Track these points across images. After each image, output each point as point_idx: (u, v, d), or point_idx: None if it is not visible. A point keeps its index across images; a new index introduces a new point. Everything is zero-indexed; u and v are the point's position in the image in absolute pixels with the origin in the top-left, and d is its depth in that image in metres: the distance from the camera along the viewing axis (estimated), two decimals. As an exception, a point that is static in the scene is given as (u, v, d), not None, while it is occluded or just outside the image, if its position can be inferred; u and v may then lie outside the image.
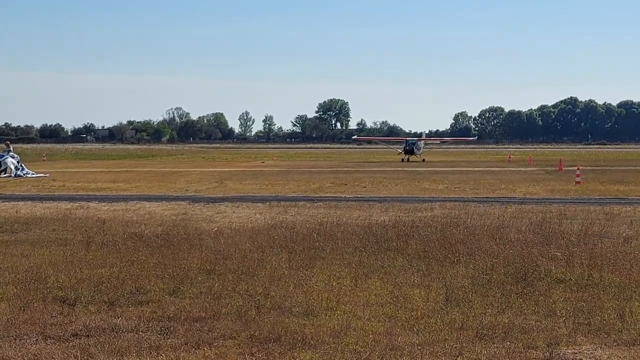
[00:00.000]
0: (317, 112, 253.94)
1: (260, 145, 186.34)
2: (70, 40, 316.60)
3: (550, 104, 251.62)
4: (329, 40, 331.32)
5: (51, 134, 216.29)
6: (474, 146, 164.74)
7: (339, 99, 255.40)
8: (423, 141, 78.74)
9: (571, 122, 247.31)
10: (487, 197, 26.80)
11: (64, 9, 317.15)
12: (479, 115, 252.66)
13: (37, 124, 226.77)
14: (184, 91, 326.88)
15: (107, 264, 12.51)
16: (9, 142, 49.82)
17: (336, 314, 9.45)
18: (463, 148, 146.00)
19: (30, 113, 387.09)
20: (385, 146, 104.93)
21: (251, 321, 9.06)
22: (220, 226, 17.69)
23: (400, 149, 72.21)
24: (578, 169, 37.66)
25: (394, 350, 8.06)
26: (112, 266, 12.33)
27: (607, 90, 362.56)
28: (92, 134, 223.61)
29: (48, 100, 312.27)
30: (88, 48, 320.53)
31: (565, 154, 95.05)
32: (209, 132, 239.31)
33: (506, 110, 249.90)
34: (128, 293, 10.50)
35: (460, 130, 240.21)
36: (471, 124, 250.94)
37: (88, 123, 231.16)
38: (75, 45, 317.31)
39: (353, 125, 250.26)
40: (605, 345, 8.37)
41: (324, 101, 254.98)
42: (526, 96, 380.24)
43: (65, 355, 7.85)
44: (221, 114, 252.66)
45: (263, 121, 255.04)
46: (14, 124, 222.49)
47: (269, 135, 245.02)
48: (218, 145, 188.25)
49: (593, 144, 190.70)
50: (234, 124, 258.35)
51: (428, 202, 24.03)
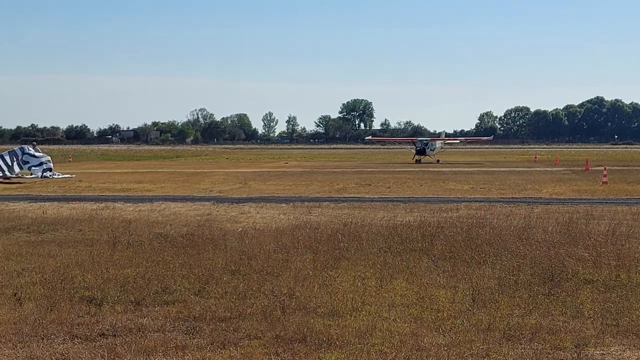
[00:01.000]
0: (341, 113, 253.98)
1: (283, 146, 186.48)
2: (95, 43, 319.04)
3: (576, 104, 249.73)
4: (353, 41, 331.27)
5: (77, 135, 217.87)
6: (499, 146, 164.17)
7: (362, 99, 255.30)
8: (441, 141, 76.31)
9: (597, 122, 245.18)
10: (513, 198, 26.63)
11: (91, 12, 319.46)
12: (505, 115, 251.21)
13: (63, 126, 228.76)
14: (208, 92, 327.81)
15: (133, 264, 12.58)
16: (35, 144, 50.31)
17: (361, 315, 9.43)
18: (488, 148, 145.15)
19: (56, 114, 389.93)
20: (400, 147, 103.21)
21: (276, 321, 9.06)
22: (245, 226, 17.72)
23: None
24: (605, 169, 37.35)
25: (420, 351, 8.03)
26: (138, 266, 12.39)
27: (634, 90, 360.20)
28: (117, 135, 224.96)
29: (74, 102, 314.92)
30: (113, 50, 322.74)
31: (591, 154, 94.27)
32: (232, 133, 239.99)
33: (532, 110, 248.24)
34: (154, 293, 10.55)
35: (486, 130, 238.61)
36: (496, 124, 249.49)
37: (113, 124, 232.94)
38: (101, 48, 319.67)
39: (377, 125, 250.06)
40: (633, 346, 8.28)
41: (348, 101, 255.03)
42: (552, 96, 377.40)
43: (93, 354, 7.90)
44: (245, 114, 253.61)
45: (286, 122, 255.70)
46: (40, 126, 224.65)
47: (292, 136, 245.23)
48: (242, 146, 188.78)
49: (620, 144, 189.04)
50: (258, 125, 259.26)
51: (453, 203, 23.94)
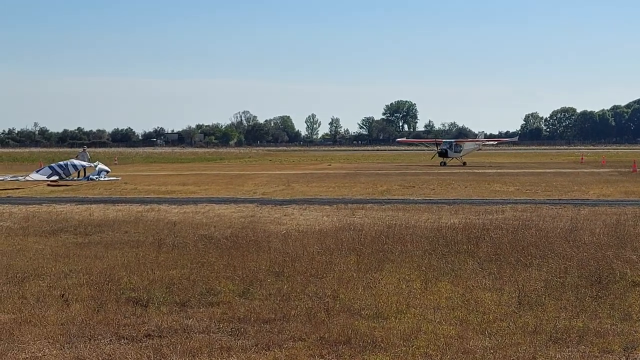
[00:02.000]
0: (384, 114, 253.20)
1: (326, 148, 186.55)
2: (140, 46, 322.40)
3: (623, 104, 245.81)
4: (396, 42, 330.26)
5: (122, 138, 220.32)
6: (545, 147, 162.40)
7: (406, 101, 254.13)
8: (472, 143, 72.55)
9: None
10: (560, 199, 26.32)
11: (139, 16, 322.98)
12: (551, 116, 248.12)
13: (109, 129, 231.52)
14: (251, 95, 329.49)
15: (178, 266, 12.66)
16: (85, 147, 51.21)
17: (406, 317, 9.38)
18: (535, 150, 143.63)
19: (102, 118, 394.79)
20: (428, 148, 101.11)
21: (321, 323, 9.05)
22: (288, 228, 17.74)
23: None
24: (653, 170, 36.73)
25: (465, 353, 7.97)
26: (183, 268, 12.47)
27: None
28: (162, 137, 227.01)
29: (119, 105, 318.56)
30: (158, 54, 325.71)
31: (639, 156, 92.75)
32: (275, 135, 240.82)
33: (578, 110, 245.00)
34: (199, 294, 10.61)
35: (531, 131, 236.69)
36: (542, 125, 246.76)
37: (158, 127, 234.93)
38: (146, 51, 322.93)
39: (421, 127, 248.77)
40: (684, 350, 8.11)
41: (391, 103, 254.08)
42: (599, 96, 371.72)
43: (139, 355, 7.96)
44: (288, 117, 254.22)
45: (329, 124, 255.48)
46: (87, 129, 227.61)
47: (336, 138, 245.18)
48: (285, 148, 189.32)
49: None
50: (301, 127, 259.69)
51: (499, 205, 23.74)
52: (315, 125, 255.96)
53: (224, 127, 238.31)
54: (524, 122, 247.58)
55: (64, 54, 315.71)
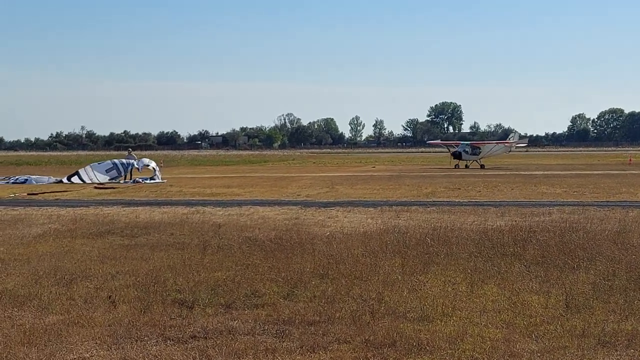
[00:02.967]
0: (429, 116, 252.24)
1: (370, 150, 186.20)
2: (185, 50, 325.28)
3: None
4: (441, 43, 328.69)
5: (168, 141, 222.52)
6: (592, 149, 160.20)
7: (451, 102, 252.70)
8: (496, 144, 70.29)
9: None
10: (608, 201, 25.93)
11: (183, 20, 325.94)
12: (598, 117, 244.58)
13: (155, 132, 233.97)
14: (295, 97, 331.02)
15: (223, 268, 12.72)
16: (130, 149, 51.87)
17: (452, 320, 9.31)
18: (581, 151, 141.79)
19: (148, 121, 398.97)
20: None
21: (365, 326, 9.02)
22: (332, 231, 17.72)
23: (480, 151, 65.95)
24: None
25: (512, 357, 7.89)
26: (228, 269, 12.53)
27: None
28: (207, 140, 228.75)
29: (165, 109, 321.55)
30: (202, 57, 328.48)
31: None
32: (319, 138, 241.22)
33: (626, 111, 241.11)
34: (244, 296, 10.64)
35: (578, 132, 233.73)
36: (589, 126, 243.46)
37: (203, 130, 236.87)
38: (191, 55, 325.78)
39: (466, 128, 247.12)
40: None
41: (436, 104, 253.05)
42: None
43: (184, 356, 8.01)
44: (331, 119, 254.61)
45: (373, 126, 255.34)
46: (133, 132, 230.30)
47: (380, 140, 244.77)
48: (329, 150, 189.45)
49: None
50: (345, 129, 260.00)
51: (545, 207, 23.46)
52: (359, 127, 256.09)
53: (267, 130, 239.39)
54: (571, 124, 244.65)
55: (111, 59, 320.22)
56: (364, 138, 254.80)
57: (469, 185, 35.69)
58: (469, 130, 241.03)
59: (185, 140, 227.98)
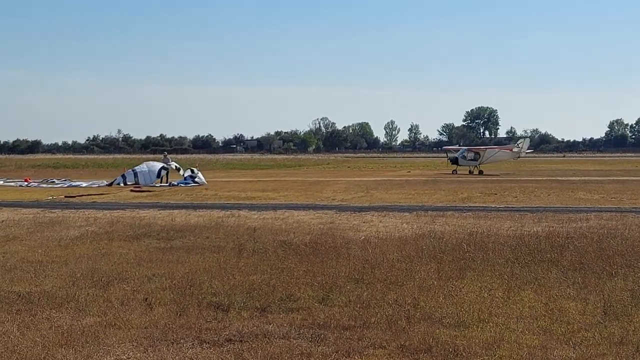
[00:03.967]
0: (465, 121, 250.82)
1: (405, 155, 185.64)
2: (220, 54, 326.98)
3: None
4: (478, 47, 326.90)
5: (203, 144, 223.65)
6: (630, 154, 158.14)
7: (487, 107, 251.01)
8: (499, 150, 68.19)
9: None
10: (646, 208, 25.58)
11: (219, 25, 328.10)
12: (636, 123, 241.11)
13: (190, 135, 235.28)
14: (329, 101, 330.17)
15: (258, 271, 12.75)
16: (166, 153, 52.30)
17: (488, 326, 9.23)
18: (619, 157, 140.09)
19: (183, 124, 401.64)
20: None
21: (401, 331, 8.98)
22: (367, 235, 17.69)
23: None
24: None
25: (550, 365, 7.80)
26: (263, 273, 12.55)
27: None
28: (242, 144, 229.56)
29: (200, 112, 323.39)
30: (237, 62, 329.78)
31: None
32: (354, 142, 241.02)
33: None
34: (279, 300, 10.65)
35: (616, 138, 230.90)
36: (627, 132, 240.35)
37: (238, 134, 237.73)
38: (225, 59, 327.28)
39: (502, 133, 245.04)
40: None
41: (472, 109, 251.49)
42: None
43: (220, 359, 8.03)
44: (366, 123, 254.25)
45: (409, 130, 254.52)
46: (168, 135, 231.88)
47: (415, 144, 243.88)
48: (363, 154, 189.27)
49: None
50: (379, 134, 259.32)
51: (583, 213, 23.21)
52: (394, 132, 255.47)
53: (302, 134, 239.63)
54: (609, 129, 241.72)
55: (146, 63, 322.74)
56: (399, 142, 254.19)
57: (505, 191, 35.43)
58: (505, 135, 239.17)
59: (220, 144, 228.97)
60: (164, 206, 27.60)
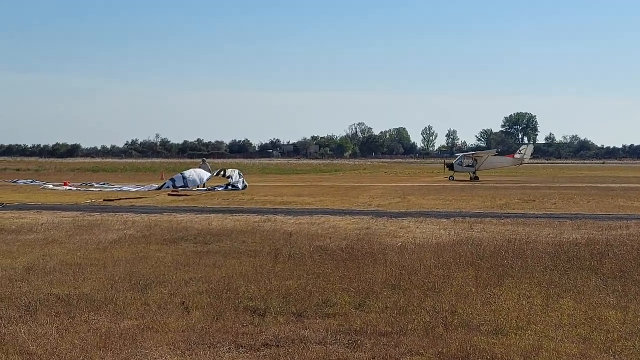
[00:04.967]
0: (503, 127, 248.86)
1: (443, 160, 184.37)
2: (257, 60, 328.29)
3: None
4: (516, 53, 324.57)
5: (240, 149, 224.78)
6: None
7: (526, 113, 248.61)
8: (499, 157, 68.00)
9: None
10: (688, 216, 25.18)
11: (255, 31, 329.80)
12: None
13: (227, 140, 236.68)
14: (366, 106, 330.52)
15: (295, 276, 12.74)
16: (205, 159, 52.69)
17: (527, 334, 9.14)
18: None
19: (220, 129, 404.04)
20: None
21: (439, 338, 8.92)
22: (404, 241, 17.61)
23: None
24: None
25: (590, 374, 7.69)
26: (300, 278, 12.55)
27: None
28: (278, 149, 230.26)
29: (237, 117, 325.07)
30: (274, 67, 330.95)
31: None
32: (391, 147, 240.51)
33: None
34: (315, 305, 10.64)
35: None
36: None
37: (274, 139, 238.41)
38: (262, 65, 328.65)
39: (541, 139, 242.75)
40: None
41: (511, 115, 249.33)
42: None
43: (257, 364, 8.05)
44: (403, 129, 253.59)
45: (446, 136, 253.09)
46: (206, 140, 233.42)
47: (453, 150, 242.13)
48: (400, 160, 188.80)
49: None
50: (417, 139, 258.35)
51: (623, 220, 22.93)
52: (431, 137, 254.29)
53: (339, 139, 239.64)
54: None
55: (185, 68, 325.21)
56: (436, 148, 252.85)
57: (544, 198, 35.10)
58: (544, 142, 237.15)
59: (257, 149, 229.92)
60: (201, 210, 27.74)
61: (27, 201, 33.07)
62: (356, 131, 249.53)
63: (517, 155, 66.90)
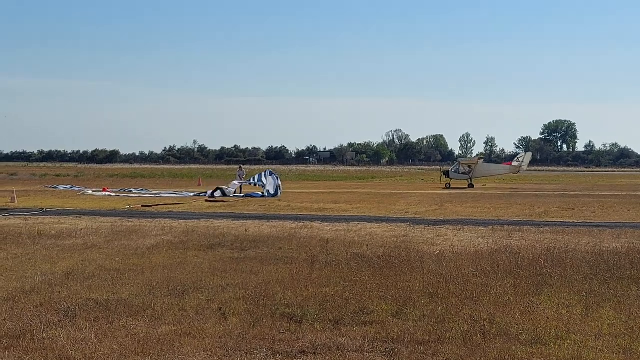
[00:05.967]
0: (542, 134, 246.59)
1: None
2: (294, 66, 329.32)
3: None
4: (556, 60, 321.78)
5: (276, 155, 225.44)
6: None
7: (565, 120, 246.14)
8: (495, 165, 67.52)
9: None
10: None
11: (290, 38, 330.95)
12: None
13: (264, 146, 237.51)
14: (403, 113, 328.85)
15: (331, 283, 12.72)
16: (241, 166, 52.95)
17: (566, 344, 9.03)
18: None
19: (257, 136, 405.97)
20: None
21: (477, 347, 8.84)
22: (442, 249, 17.51)
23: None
24: None
25: (631, 386, 7.56)
26: (336, 285, 12.52)
27: None
28: (315, 155, 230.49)
29: (274, 124, 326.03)
30: (311, 74, 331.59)
31: None
32: (428, 154, 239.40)
33: None
34: (352, 312, 10.60)
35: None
36: None
37: (311, 145, 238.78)
38: (299, 71, 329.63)
39: (580, 147, 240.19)
40: None
41: (549, 122, 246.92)
42: None
43: (293, 371, 8.03)
44: (441, 135, 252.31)
45: (484, 143, 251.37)
46: (243, 146, 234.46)
47: (491, 157, 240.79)
48: (438, 167, 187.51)
49: None
50: (454, 146, 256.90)
51: (664, 229, 22.55)
52: (469, 144, 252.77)
53: (375, 146, 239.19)
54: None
55: (223, 75, 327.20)
56: (474, 155, 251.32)
57: (583, 206, 34.71)
58: (583, 149, 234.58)
59: (293, 155, 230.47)
60: (238, 216, 27.85)
61: (67, 206, 33.48)
62: (393, 138, 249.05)
63: (515, 163, 66.37)
